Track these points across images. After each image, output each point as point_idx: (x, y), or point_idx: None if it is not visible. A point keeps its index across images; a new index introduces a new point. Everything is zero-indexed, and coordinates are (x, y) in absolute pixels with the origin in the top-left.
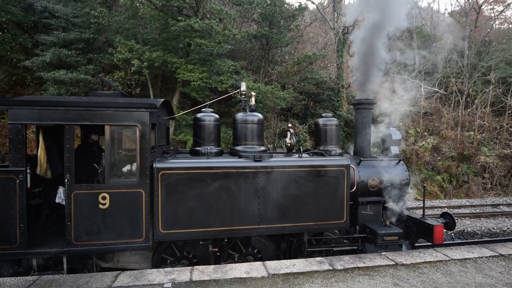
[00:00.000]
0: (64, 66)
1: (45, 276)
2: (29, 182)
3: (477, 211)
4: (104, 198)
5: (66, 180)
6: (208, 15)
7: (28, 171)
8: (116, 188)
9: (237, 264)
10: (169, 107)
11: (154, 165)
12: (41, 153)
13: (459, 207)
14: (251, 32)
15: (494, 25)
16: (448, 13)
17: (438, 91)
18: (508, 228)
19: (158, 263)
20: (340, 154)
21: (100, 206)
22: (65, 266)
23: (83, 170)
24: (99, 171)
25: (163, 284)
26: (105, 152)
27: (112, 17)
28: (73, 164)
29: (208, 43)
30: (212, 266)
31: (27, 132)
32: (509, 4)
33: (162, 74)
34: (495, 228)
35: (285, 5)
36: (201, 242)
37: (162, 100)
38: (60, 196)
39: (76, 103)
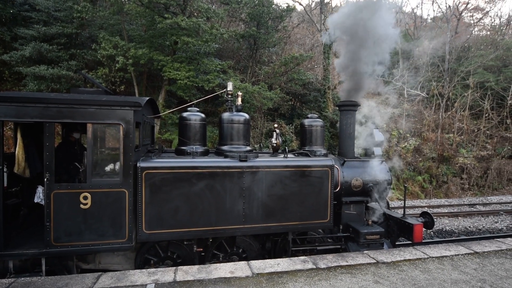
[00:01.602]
0: (45, 61)
1: (22, 278)
2: (6, 181)
3: (455, 210)
4: (85, 198)
5: (45, 179)
6: (195, 14)
7: (5, 169)
8: (98, 187)
9: (221, 264)
10: (154, 105)
11: (138, 165)
12: (19, 151)
13: (438, 206)
14: (238, 32)
15: (473, 31)
16: (431, 19)
17: (420, 94)
18: (484, 227)
19: (141, 264)
20: (325, 155)
21: (82, 206)
22: (43, 268)
23: (63, 169)
24: (80, 170)
25: (146, 285)
26: (87, 151)
27: (96, 12)
28: (53, 163)
29: (195, 41)
30: (196, 266)
31: (5, 129)
32: (487, 12)
33: (148, 72)
34: (472, 226)
35: (273, 5)
36: (185, 242)
37: (147, 98)
38: (39, 196)
39: (57, 100)
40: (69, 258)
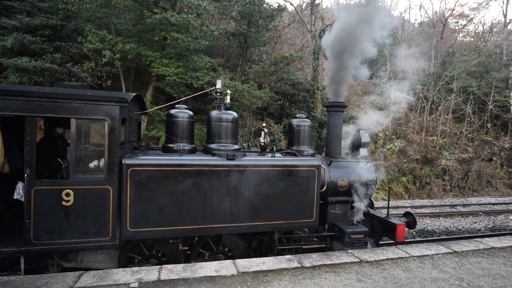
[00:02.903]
0: (28, 53)
1: (0, 277)
2: None
3: (437, 211)
4: (68, 194)
5: (25, 175)
6: (185, 10)
7: None
8: (81, 184)
9: (207, 263)
10: (141, 101)
11: (123, 161)
12: None
13: (421, 207)
14: (229, 30)
15: (458, 37)
16: (418, 24)
17: (406, 97)
18: (463, 227)
19: (125, 263)
20: (312, 155)
21: (63, 203)
22: (22, 266)
23: (45, 164)
24: (63, 166)
25: (129, 284)
26: (70, 147)
27: (83, 4)
28: (34, 158)
29: (184, 38)
30: (181, 265)
31: None
32: (471, 19)
33: (136, 67)
34: (452, 227)
35: (264, 4)
36: (170, 241)
37: (134, 94)
38: (19, 192)
39: (40, 93)
40: (50, 256)
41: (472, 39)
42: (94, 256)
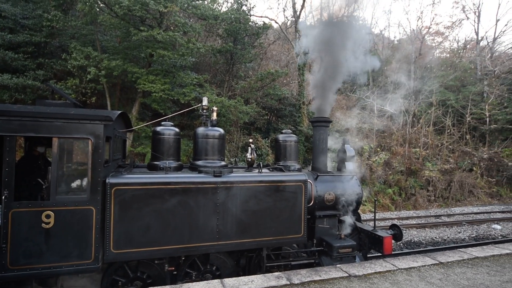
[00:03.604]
0: (9, 70)
1: None
2: None
3: (422, 222)
4: (48, 216)
5: (3, 197)
6: (172, 27)
7: None
8: (62, 205)
9: (194, 283)
10: (126, 119)
11: (107, 181)
12: None
13: (407, 218)
14: (215, 47)
15: (435, 53)
16: (397, 41)
17: (389, 110)
18: (448, 237)
19: (108, 286)
20: (299, 170)
21: (43, 225)
22: None
23: (25, 185)
24: (44, 186)
25: None
26: (52, 166)
27: (68, 22)
28: (13, 179)
29: (171, 54)
30: (167, 287)
31: None
32: (446, 37)
33: (122, 84)
34: (437, 237)
35: (250, 23)
36: (156, 261)
37: (119, 112)
38: None
39: (20, 112)
40: (27, 282)
41: (448, 55)
42: (75, 281)
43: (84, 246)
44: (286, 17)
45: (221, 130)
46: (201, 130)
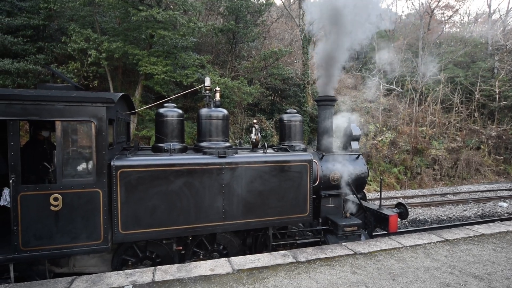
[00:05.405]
0: (10, 54)
1: None
2: None
3: (428, 200)
4: (56, 199)
5: (11, 181)
6: (171, 6)
7: None
8: (69, 188)
9: (201, 262)
10: (129, 101)
11: (112, 163)
12: None
13: (412, 197)
14: (217, 26)
15: (444, 28)
16: (405, 15)
17: (395, 89)
18: (454, 215)
19: (118, 265)
20: (304, 150)
21: (52, 208)
22: (12, 274)
23: (31, 169)
24: (50, 170)
25: (123, 286)
26: (57, 150)
27: (65, 3)
28: (19, 163)
29: (172, 35)
30: (175, 265)
31: None
32: (457, 10)
33: (123, 66)
34: (443, 215)
35: None
36: (164, 241)
37: (121, 94)
38: (6, 199)
39: (22, 96)
40: (40, 262)
41: (458, 29)
42: (86, 260)
43: (93, 227)
44: None
45: (225, 111)
46: (204, 111)
